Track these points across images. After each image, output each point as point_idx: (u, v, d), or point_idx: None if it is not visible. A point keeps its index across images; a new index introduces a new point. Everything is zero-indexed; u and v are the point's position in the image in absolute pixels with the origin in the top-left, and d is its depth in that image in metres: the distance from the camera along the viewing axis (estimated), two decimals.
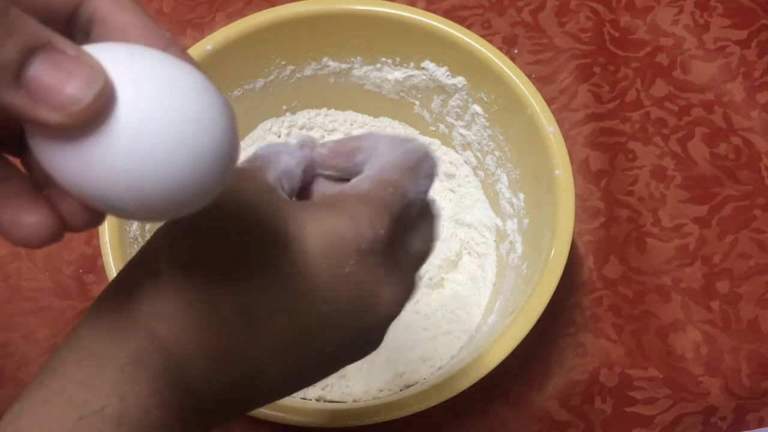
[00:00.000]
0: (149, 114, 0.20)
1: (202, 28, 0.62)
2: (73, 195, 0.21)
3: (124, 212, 0.21)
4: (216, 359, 0.25)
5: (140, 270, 0.25)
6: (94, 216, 0.22)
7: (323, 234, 0.25)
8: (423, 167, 0.28)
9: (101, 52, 0.20)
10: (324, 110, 0.57)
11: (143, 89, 0.20)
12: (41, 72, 0.19)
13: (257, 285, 0.25)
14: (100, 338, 0.23)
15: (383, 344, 0.53)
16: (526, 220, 0.49)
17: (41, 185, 0.22)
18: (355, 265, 0.25)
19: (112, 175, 0.20)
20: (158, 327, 0.24)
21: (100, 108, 0.19)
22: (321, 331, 0.26)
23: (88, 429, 0.21)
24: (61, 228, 0.22)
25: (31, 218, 0.21)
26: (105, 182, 0.20)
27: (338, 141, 0.31)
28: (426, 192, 0.29)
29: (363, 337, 0.28)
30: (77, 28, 0.23)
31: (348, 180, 0.30)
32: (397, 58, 0.52)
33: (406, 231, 0.28)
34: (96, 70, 0.19)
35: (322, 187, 0.31)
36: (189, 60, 0.22)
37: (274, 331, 0.25)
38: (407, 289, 0.28)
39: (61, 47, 0.19)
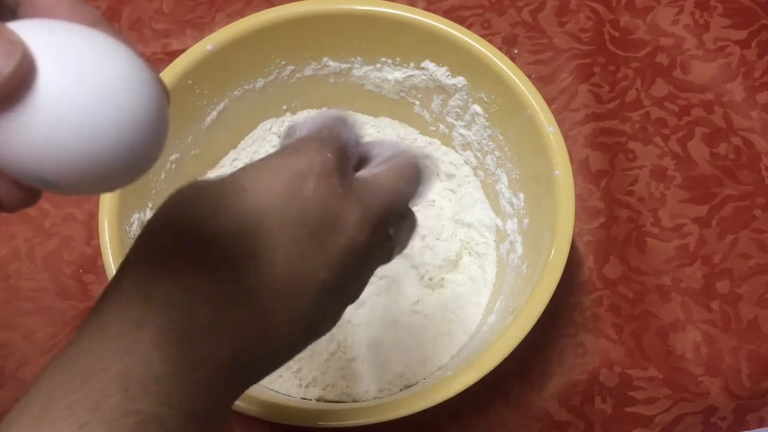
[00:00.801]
0: (69, 87, 0.20)
1: (202, 28, 0.62)
2: (4, 171, 0.21)
3: (55, 186, 0.21)
4: (218, 302, 0.26)
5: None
6: (27, 194, 0.23)
7: (283, 169, 0.28)
8: (349, 120, 0.32)
9: (22, 28, 0.20)
10: (324, 110, 0.57)
11: (63, 63, 0.20)
12: None
13: (238, 227, 0.26)
14: (102, 319, 0.24)
15: (383, 344, 0.52)
16: (526, 220, 0.49)
17: None
18: (315, 187, 0.28)
19: (37, 149, 0.20)
20: (158, 285, 0.25)
21: (19, 80, 0.19)
22: (308, 253, 0.28)
23: (91, 387, 0.22)
24: None
25: None
26: (31, 156, 0.20)
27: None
28: (357, 140, 0.32)
29: (343, 268, 0.29)
30: (4, 7, 0.23)
31: None
32: (397, 58, 0.52)
33: (353, 166, 0.32)
34: (15, 43, 0.19)
35: None
36: (116, 36, 0.22)
37: (264, 260, 0.26)
38: (369, 214, 0.29)
39: None
